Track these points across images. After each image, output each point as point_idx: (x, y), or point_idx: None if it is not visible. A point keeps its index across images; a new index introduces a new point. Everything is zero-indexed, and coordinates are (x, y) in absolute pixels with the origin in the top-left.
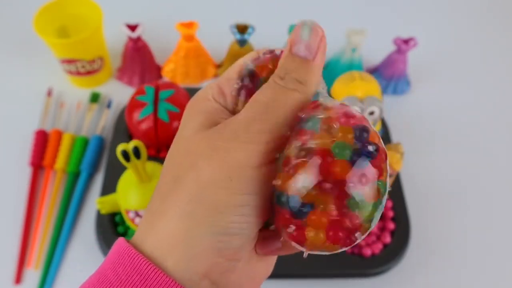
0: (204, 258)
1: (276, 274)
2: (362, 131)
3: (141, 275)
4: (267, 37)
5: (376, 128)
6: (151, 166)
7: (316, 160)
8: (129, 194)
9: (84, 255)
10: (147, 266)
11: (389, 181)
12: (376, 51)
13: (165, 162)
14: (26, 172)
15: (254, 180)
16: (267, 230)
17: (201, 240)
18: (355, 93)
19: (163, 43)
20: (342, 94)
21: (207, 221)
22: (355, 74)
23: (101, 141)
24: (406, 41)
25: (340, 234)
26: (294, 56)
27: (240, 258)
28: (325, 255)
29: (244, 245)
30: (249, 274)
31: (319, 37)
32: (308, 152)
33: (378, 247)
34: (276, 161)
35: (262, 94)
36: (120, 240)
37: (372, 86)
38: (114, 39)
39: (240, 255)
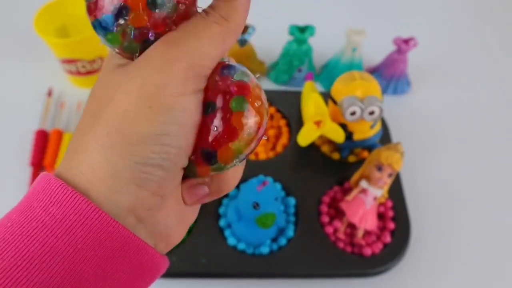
0: (128, 191)
1: (276, 274)
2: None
3: (80, 214)
4: (267, 37)
5: (376, 128)
6: None
7: None
8: None
9: None
10: (87, 205)
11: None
12: (376, 51)
13: (86, 102)
14: (26, 172)
15: (174, 109)
16: (192, 179)
17: (123, 172)
18: (355, 93)
19: None
20: (342, 93)
21: (127, 152)
22: (355, 74)
23: None
24: (406, 41)
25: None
26: None
27: (164, 193)
28: (325, 255)
29: (167, 179)
30: (177, 215)
31: None
32: None
33: (378, 247)
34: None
35: (184, 24)
36: (47, 175)
37: (372, 86)
38: None
39: (164, 190)
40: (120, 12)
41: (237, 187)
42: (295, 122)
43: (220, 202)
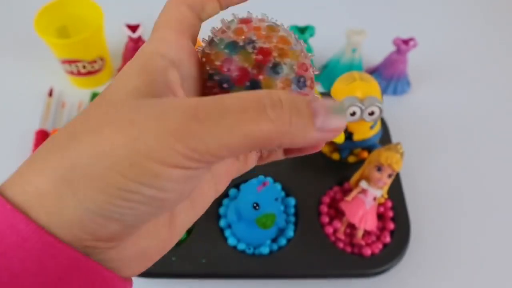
0: (70, 231)
1: (276, 274)
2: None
3: (18, 235)
4: None
5: (376, 128)
6: None
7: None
8: None
9: None
10: (26, 224)
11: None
12: (376, 51)
13: (82, 110)
14: None
15: (160, 177)
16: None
17: (72, 214)
18: (355, 93)
19: None
20: (342, 94)
21: (85, 195)
22: (355, 75)
23: None
24: (406, 41)
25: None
26: (309, 104)
27: (118, 242)
28: (325, 255)
29: (125, 231)
30: (137, 251)
31: (339, 125)
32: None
33: (378, 247)
34: None
35: (234, 103)
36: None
37: (372, 86)
38: (115, 40)
39: (119, 240)
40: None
41: (237, 187)
42: None
43: (220, 202)
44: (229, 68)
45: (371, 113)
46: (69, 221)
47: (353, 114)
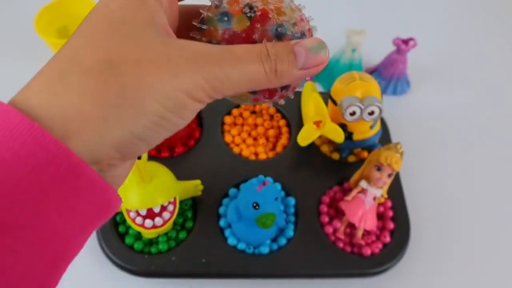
0: (105, 150)
1: (276, 274)
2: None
3: (48, 153)
4: None
5: (376, 128)
6: (152, 165)
7: None
8: (130, 194)
9: (84, 255)
10: (55, 144)
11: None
12: (375, 51)
13: (94, 21)
14: None
15: (187, 108)
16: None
17: (114, 135)
18: (355, 93)
19: None
20: (342, 94)
21: (129, 120)
22: (355, 74)
23: None
24: (405, 41)
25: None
26: (291, 51)
27: (128, 161)
28: (325, 255)
29: (144, 151)
30: (128, 170)
31: (319, 61)
32: None
33: (377, 247)
34: None
35: (243, 52)
36: (12, 110)
37: (371, 86)
38: None
39: (132, 159)
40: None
41: (237, 187)
42: (295, 123)
43: (220, 202)
44: (232, 38)
45: (371, 113)
46: (110, 140)
47: (353, 113)
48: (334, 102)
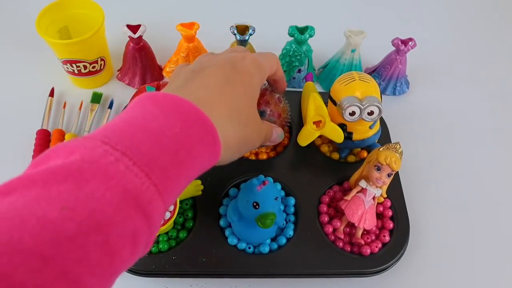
0: (228, 135)
1: (276, 273)
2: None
3: (198, 120)
4: (267, 37)
5: (375, 128)
6: None
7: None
8: None
9: None
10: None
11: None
12: (375, 51)
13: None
14: None
15: (256, 146)
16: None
17: (233, 131)
18: (354, 93)
19: (164, 43)
20: (341, 94)
21: (238, 134)
22: (355, 75)
23: None
24: (405, 42)
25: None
26: (270, 133)
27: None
28: (324, 254)
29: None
30: None
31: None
32: None
33: (377, 246)
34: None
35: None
36: (186, 102)
37: (371, 86)
38: (115, 40)
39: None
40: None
41: (237, 187)
42: (295, 123)
43: (220, 202)
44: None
45: (370, 113)
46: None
47: (352, 114)
48: (334, 102)
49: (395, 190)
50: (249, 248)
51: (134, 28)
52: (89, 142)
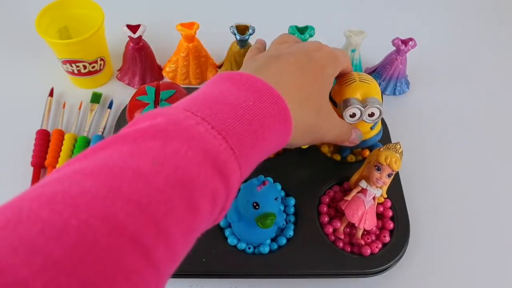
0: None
1: (276, 273)
2: None
3: (273, 98)
4: (267, 37)
5: (377, 129)
6: None
7: None
8: None
9: None
10: (281, 100)
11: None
12: (375, 51)
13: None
14: (27, 172)
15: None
16: None
17: (303, 116)
18: (354, 95)
19: (164, 43)
20: (341, 95)
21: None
22: (355, 75)
23: None
24: (405, 42)
25: None
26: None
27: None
28: (325, 254)
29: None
30: None
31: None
32: None
33: (377, 247)
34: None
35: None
36: (260, 80)
37: (371, 87)
38: (115, 40)
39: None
40: None
41: None
42: None
43: None
44: None
45: (371, 115)
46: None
47: (353, 115)
48: (335, 104)
49: (395, 190)
50: (249, 248)
51: (134, 28)
52: (172, 109)
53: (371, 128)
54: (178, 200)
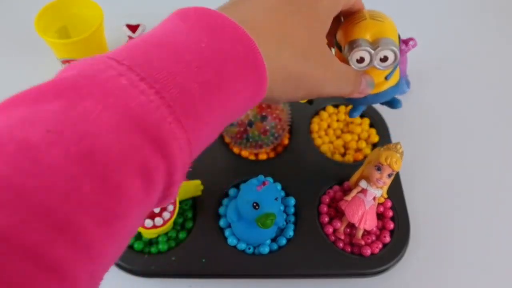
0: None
1: (276, 274)
2: None
3: (245, 44)
4: None
5: (394, 79)
6: None
7: None
8: None
9: None
10: (251, 43)
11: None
12: None
13: None
14: None
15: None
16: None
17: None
18: (364, 35)
19: None
20: (348, 36)
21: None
22: (365, 13)
23: None
24: (405, 42)
25: None
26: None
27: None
28: (325, 254)
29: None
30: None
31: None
32: None
33: (377, 247)
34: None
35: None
36: (220, 15)
37: (385, 26)
38: (115, 40)
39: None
40: None
41: (237, 187)
42: (295, 123)
43: (220, 202)
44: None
45: (384, 59)
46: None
47: (361, 60)
48: (340, 48)
49: (395, 190)
50: (249, 248)
51: (133, 28)
52: (94, 58)
53: (386, 78)
54: (84, 179)
